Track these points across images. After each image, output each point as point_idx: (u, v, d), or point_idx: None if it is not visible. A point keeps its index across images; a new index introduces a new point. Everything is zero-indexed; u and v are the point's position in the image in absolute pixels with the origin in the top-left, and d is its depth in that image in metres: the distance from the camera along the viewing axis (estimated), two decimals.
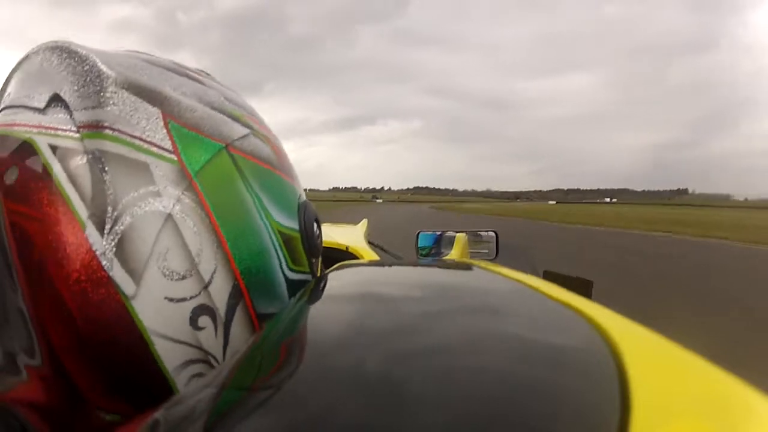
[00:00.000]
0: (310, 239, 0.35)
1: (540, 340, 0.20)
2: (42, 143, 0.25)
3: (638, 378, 0.16)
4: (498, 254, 1.62)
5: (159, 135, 0.27)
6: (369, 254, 1.13)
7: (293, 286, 0.32)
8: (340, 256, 1.06)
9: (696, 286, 5.30)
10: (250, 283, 0.29)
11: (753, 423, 0.15)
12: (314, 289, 0.32)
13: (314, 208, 0.37)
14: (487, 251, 1.70)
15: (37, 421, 0.24)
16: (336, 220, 1.81)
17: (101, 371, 0.25)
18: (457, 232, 1.70)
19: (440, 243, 1.66)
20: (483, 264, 0.36)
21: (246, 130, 0.31)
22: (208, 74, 0.35)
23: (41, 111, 0.26)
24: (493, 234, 1.70)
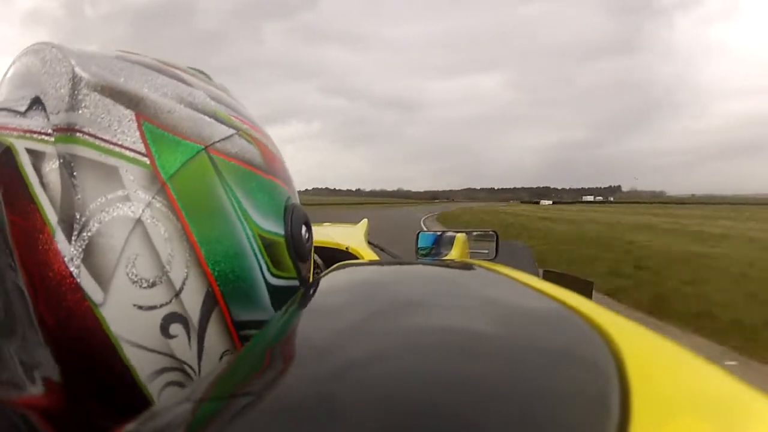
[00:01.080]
0: (297, 243, 0.33)
1: (540, 340, 0.20)
2: (20, 147, 0.25)
3: (638, 378, 0.16)
4: (498, 254, 1.62)
5: (131, 138, 0.26)
6: (369, 254, 1.12)
7: (276, 293, 0.31)
8: (340, 256, 1.06)
9: None
10: (226, 290, 0.28)
11: (753, 423, 0.15)
12: (314, 289, 0.32)
13: (303, 211, 0.36)
14: (487, 251, 1.70)
15: (42, 423, 0.24)
16: None
17: (76, 375, 0.25)
18: (457, 232, 1.70)
19: (440, 243, 1.66)
20: (483, 264, 0.36)
21: (231, 131, 0.30)
22: (202, 72, 0.34)
23: (23, 114, 0.26)
24: (493, 234, 1.70)
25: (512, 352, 0.19)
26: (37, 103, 0.27)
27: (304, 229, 0.35)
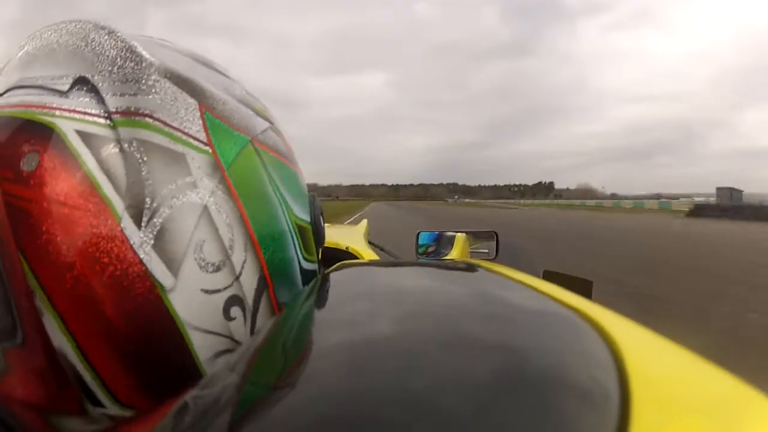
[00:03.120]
0: (318, 230, 0.36)
1: (540, 340, 0.20)
2: (66, 128, 0.24)
3: (638, 378, 0.16)
4: (498, 254, 1.62)
5: (195, 126, 0.26)
6: (369, 254, 1.13)
7: (306, 275, 0.34)
8: (340, 256, 1.06)
9: None
10: (273, 273, 0.29)
11: (753, 423, 0.15)
12: (315, 289, 0.32)
13: (320, 201, 0.38)
14: (487, 251, 1.70)
15: (29, 417, 0.23)
16: None
17: (134, 365, 0.24)
18: (457, 232, 1.70)
19: (440, 243, 1.66)
20: (483, 264, 0.36)
21: (266, 124, 0.32)
22: (224, 67, 0.35)
23: (63, 94, 0.25)
24: (493, 234, 1.70)
25: (512, 352, 0.19)
26: (82, 82, 0.25)
27: (321, 218, 0.38)
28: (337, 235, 1.22)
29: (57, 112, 0.24)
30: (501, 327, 0.22)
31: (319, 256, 0.39)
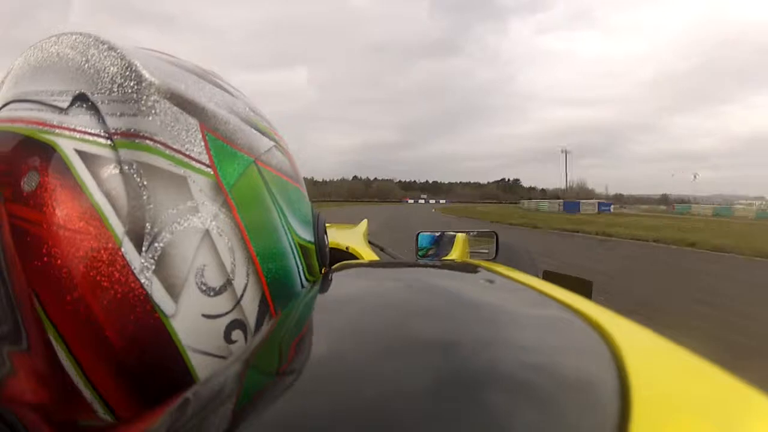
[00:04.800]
0: (322, 250, 0.35)
1: (540, 340, 0.20)
2: (66, 146, 0.23)
3: (638, 378, 0.16)
4: (498, 254, 1.62)
5: (197, 148, 0.26)
6: (369, 254, 1.13)
7: None
8: (340, 256, 1.06)
9: None
10: (275, 295, 0.29)
11: (753, 423, 0.15)
12: (314, 289, 0.32)
13: (324, 219, 0.37)
14: (486, 251, 1.70)
15: (31, 419, 0.23)
16: None
17: (135, 386, 0.24)
18: (457, 232, 1.70)
19: (440, 243, 1.66)
20: (483, 264, 0.36)
21: (270, 143, 0.31)
22: (228, 81, 0.34)
23: (63, 111, 0.24)
24: (493, 234, 1.70)
25: (512, 352, 0.19)
26: (82, 99, 0.25)
27: (325, 237, 0.37)
28: (337, 235, 1.22)
29: (57, 131, 0.24)
30: (501, 327, 0.22)
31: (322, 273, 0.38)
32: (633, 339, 0.21)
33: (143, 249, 0.23)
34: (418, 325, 0.23)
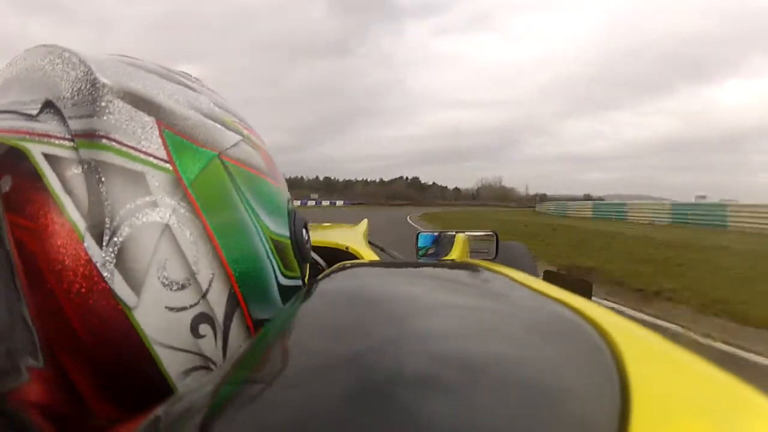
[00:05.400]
0: (300, 245, 0.35)
1: (540, 341, 0.20)
2: (35, 151, 0.25)
3: (638, 378, 0.16)
4: (498, 254, 1.62)
5: (154, 144, 0.26)
6: (369, 254, 1.13)
7: (286, 292, 0.33)
8: (340, 256, 1.06)
9: None
10: (245, 290, 0.29)
11: (753, 423, 0.15)
12: (315, 288, 0.32)
13: (302, 214, 0.37)
14: (486, 251, 1.70)
15: (42, 422, 0.24)
16: None
17: (106, 380, 0.25)
18: (457, 232, 1.70)
19: (440, 243, 1.66)
20: (483, 264, 0.36)
21: (237, 137, 0.31)
22: (196, 79, 0.35)
23: (33, 118, 0.26)
24: (493, 234, 1.70)
25: (512, 352, 0.19)
26: (49, 106, 0.26)
27: (304, 231, 0.37)
28: (337, 235, 1.22)
29: (27, 136, 0.25)
30: (500, 327, 0.22)
31: (305, 272, 0.38)
32: (633, 339, 0.21)
33: (104, 243, 0.24)
34: (418, 326, 0.23)
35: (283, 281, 0.33)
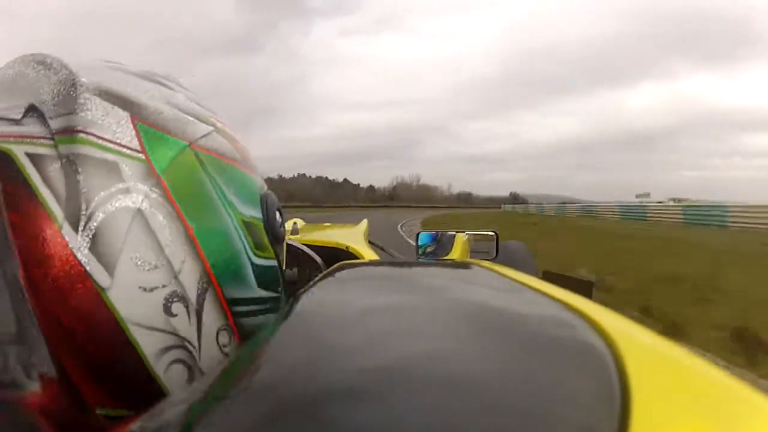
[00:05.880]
0: (272, 227, 0.37)
1: (540, 341, 0.20)
2: (19, 152, 0.26)
3: (638, 378, 0.16)
4: (498, 254, 1.62)
5: (128, 136, 0.28)
6: (369, 254, 1.12)
7: (261, 272, 0.35)
8: (340, 255, 1.06)
9: None
10: (217, 270, 0.30)
11: (753, 423, 0.15)
12: (315, 288, 0.32)
13: (276, 199, 0.40)
14: (487, 251, 1.70)
15: (44, 422, 0.24)
16: None
17: (83, 357, 0.26)
18: (457, 232, 1.70)
19: (440, 243, 1.66)
20: (483, 264, 0.36)
21: (209, 129, 0.34)
22: (175, 79, 0.37)
23: (18, 122, 0.28)
24: (493, 234, 1.70)
25: (512, 352, 0.19)
26: (32, 110, 0.28)
27: (278, 214, 0.39)
28: (337, 235, 1.22)
29: (12, 139, 0.27)
30: (500, 327, 0.22)
31: (282, 252, 0.40)
32: (633, 339, 0.21)
33: (80, 229, 0.26)
34: (418, 326, 0.23)
35: (257, 261, 0.34)
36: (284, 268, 0.41)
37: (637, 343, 0.20)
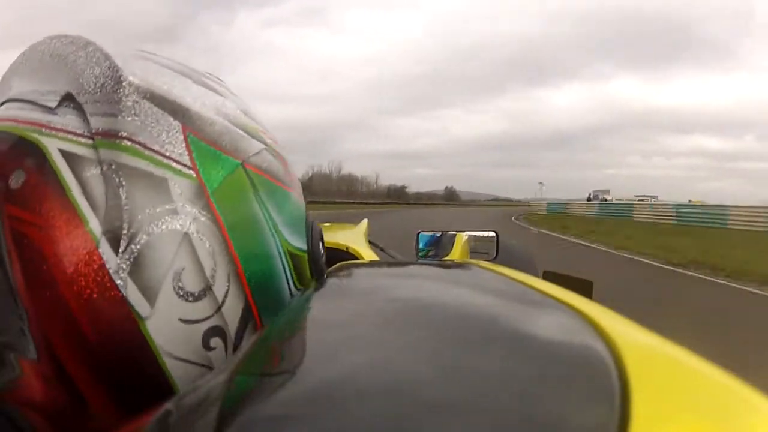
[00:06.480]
0: (316, 259, 0.34)
1: (540, 340, 0.20)
2: (51, 147, 0.24)
3: (638, 378, 0.16)
4: (498, 255, 1.62)
5: (178, 149, 0.25)
6: (369, 254, 1.12)
7: None
8: (340, 256, 1.06)
9: None
10: (259, 304, 0.28)
11: (753, 423, 0.15)
12: (315, 288, 0.32)
13: (320, 228, 0.36)
14: (487, 251, 1.69)
15: (38, 421, 0.24)
16: None
17: (111, 385, 0.24)
18: (457, 232, 1.70)
19: (440, 243, 1.66)
20: (483, 264, 0.36)
21: (260, 146, 0.30)
22: (219, 79, 0.34)
23: (51, 110, 0.25)
24: (493, 234, 1.70)
25: (512, 352, 0.19)
26: (69, 100, 0.25)
27: (320, 245, 0.36)
28: (337, 236, 1.22)
29: (44, 130, 0.24)
30: (501, 327, 0.22)
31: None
32: (633, 339, 0.21)
33: (120, 250, 0.23)
34: (418, 326, 0.23)
35: (296, 293, 0.32)
36: None
37: (637, 343, 0.20)
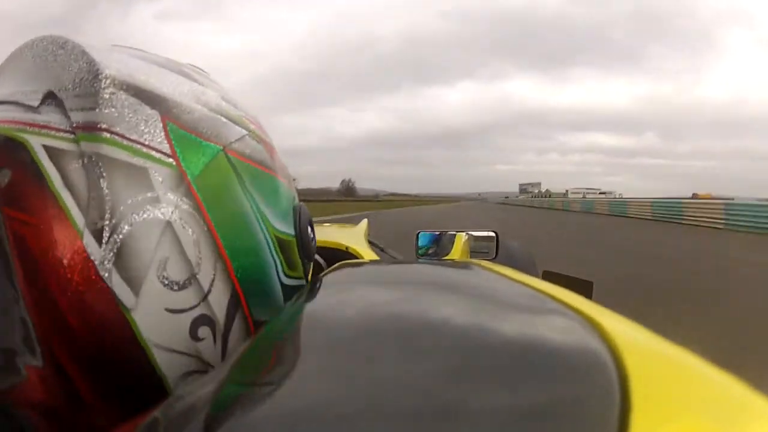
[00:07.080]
0: (304, 243, 0.34)
1: (540, 340, 0.20)
2: (35, 143, 0.24)
3: (638, 378, 0.16)
4: (498, 254, 1.62)
5: (158, 138, 0.25)
6: (369, 254, 1.13)
7: (288, 292, 0.32)
8: (340, 256, 1.06)
9: None
10: (247, 291, 0.28)
11: (753, 423, 0.15)
12: (314, 288, 0.32)
13: (308, 211, 0.36)
14: (487, 251, 1.69)
15: (38, 420, 0.24)
16: None
17: (101, 378, 0.24)
18: (457, 231, 1.70)
19: (440, 243, 1.66)
20: (483, 264, 0.36)
21: (243, 132, 0.30)
22: (202, 70, 0.34)
23: (34, 109, 0.25)
24: (493, 234, 1.70)
25: (511, 352, 0.19)
26: (51, 97, 0.25)
27: (309, 228, 0.35)
28: (337, 235, 1.22)
29: (28, 128, 0.24)
30: (501, 327, 0.22)
31: (309, 270, 0.37)
32: (633, 339, 0.21)
33: (103, 241, 0.23)
34: (417, 327, 0.23)
35: (286, 281, 0.32)
36: None
37: (638, 344, 0.20)
